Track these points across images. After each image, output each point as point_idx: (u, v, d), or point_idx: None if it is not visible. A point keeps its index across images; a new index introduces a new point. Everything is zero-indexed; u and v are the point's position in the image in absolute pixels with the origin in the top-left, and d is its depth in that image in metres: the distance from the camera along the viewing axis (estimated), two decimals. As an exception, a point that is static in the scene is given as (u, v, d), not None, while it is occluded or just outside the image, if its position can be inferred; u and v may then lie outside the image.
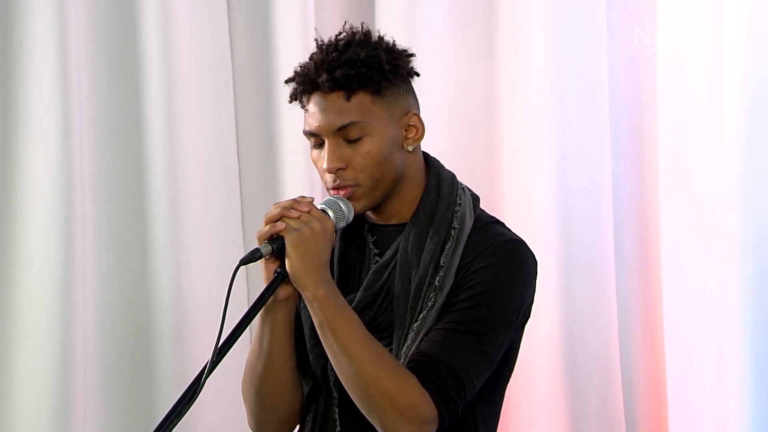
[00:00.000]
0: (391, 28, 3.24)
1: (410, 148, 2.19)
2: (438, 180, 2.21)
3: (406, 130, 2.19)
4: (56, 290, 3.32)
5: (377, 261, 2.20)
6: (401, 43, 2.23)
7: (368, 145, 2.14)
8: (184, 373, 3.41)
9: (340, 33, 2.19)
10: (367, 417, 2.09)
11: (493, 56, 3.51)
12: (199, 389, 1.95)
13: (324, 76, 2.13)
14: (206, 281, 3.46)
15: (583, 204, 3.42)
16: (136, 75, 3.44)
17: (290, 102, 2.21)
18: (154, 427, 1.93)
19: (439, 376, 2.08)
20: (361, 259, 2.22)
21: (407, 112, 2.19)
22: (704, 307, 3.31)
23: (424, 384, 2.07)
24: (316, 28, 2.38)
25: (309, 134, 2.17)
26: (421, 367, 2.08)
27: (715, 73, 3.26)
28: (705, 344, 3.31)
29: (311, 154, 2.19)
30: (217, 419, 3.44)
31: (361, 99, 2.14)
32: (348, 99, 2.14)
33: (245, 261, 2.04)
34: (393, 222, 2.21)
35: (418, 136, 2.20)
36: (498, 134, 3.51)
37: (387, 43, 2.20)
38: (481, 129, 3.51)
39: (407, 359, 2.10)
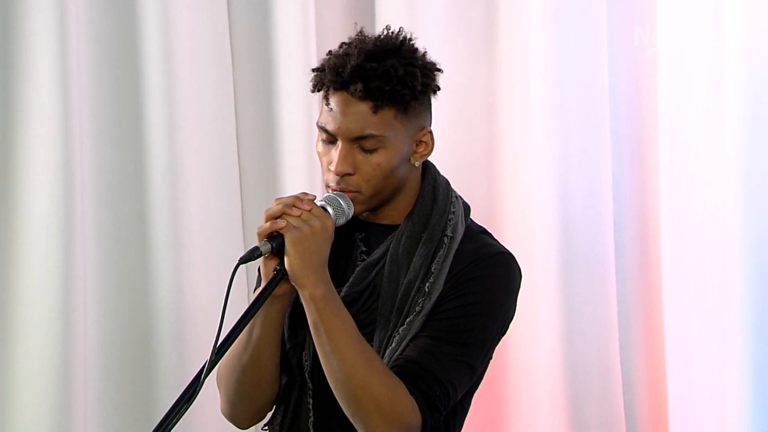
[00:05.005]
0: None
1: (417, 164, 2.21)
2: (434, 186, 2.22)
3: (417, 145, 2.20)
4: (56, 290, 3.32)
5: (364, 258, 2.21)
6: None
7: (381, 158, 2.14)
8: (185, 373, 3.40)
9: (380, 36, 2.18)
10: (350, 419, 2.10)
11: (493, 56, 3.51)
12: (198, 388, 1.95)
13: (359, 86, 2.11)
14: (206, 281, 3.46)
15: (583, 204, 3.42)
16: (136, 75, 3.44)
17: (313, 91, 2.19)
18: (154, 426, 1.93)
19: (427, 385, 2.10)
20: (348, 254, 2.22)
21: (422, 128, 2.20)
22: (704, 307, 3.31)
23: (411, 392, 2.09)
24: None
25: (324, 130, 2.16)
26: (410, 375, 2.09)
27: (716, 73, 3.26)
28: (705, 344, 3.31)
29: (318, 146, 2.19)
30: (217, 418, 3.42)
31: (386, 114, 2.14)
32: (375, 112, 2.13)
33: (244, 260, 2.04)
34: (385, 222, 2.22)
35: (427, 152, 2.22)
36: (498, 134, 3.51)
37: (422, 57, 2.19)
38: (481, 129, 3.50)
39: (393, 363, 2.12)
